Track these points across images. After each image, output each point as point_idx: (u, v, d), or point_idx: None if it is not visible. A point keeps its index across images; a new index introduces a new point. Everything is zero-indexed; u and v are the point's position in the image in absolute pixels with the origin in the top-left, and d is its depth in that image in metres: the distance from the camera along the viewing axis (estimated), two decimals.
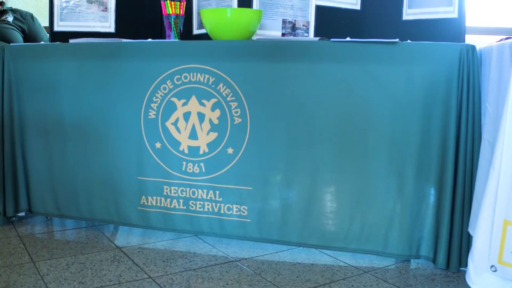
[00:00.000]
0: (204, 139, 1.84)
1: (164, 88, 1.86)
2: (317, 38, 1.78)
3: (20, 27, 2.63)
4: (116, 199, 1.96)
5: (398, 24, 2.09)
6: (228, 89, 1.80)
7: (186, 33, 2.25)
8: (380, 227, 1.72)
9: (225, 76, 1.80)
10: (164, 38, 2.19)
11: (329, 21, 2.19)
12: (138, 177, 1.92)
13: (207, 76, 1.82)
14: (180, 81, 1.84)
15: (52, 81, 1.99)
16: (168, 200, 1.90)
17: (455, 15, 1.92)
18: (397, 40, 1.67)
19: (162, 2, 2.11)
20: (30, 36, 2.67)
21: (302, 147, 1.77)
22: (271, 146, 1.79)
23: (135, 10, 2.38)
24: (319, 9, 2.18)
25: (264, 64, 1.77)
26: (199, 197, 1.87)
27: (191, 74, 1.83)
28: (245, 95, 1.79)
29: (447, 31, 1.94)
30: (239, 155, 1.81)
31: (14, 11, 2.68)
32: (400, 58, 1.67)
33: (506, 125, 1.37)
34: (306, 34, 2.17)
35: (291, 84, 1.75)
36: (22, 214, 2.13)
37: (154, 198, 1.91)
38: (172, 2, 2.10)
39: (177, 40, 2.02)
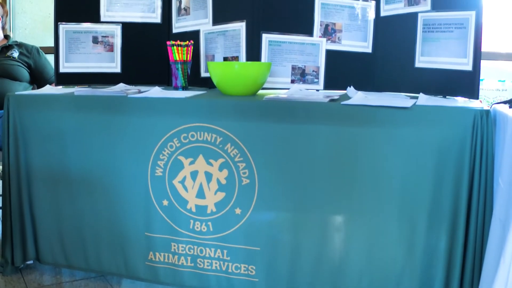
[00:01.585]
0: (212, 198, 1.82)
1: (171, 146, 1.83)
2: (327, 99, 1.74)
3: (26, 62, 2.60)
4: (124, 252, 1.95)
5: (411, 70, 2.03)
6: (236, 150, 1.77)
7: (193, 76, 2.21)
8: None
9: (232, 136, 1.77)
10: (171, 79, 2.16)
11: (339, 66, 2.14)
12: (146, 233, 1.91)
13: (214, 135, 1.79)
14: (187, 140, 1.81)
15: (58, 132, 1.96)
16: (176, 257, 1.89)
17: (469, 67, 1.86)
18: (409, 106, 1.63)
19: (169, 48, 2.07)
20: (36, 71, 2.63)
21: (311, 208, 1.74)
22: (279, 207, 1.77)
23: (142, 49, 2.34)
24: (330, 54, 2.13)
25: (273, 124, 1.74)
26: (207, 255, 1.86)
27: (198, 133, 1.80)
28: (253, 156, 1.76)
29: (460, 83, 1.88)
30: (247, 216, 1.79)
31: (19, 45, 2.64)
32: (412, 121, 1.63)
33: None
34: (316, 80, 2.13)
35: (300, 145, 1.72)
36: (30, 262, 2.13)
37: (162, 254, 1.90)
38: (179, 48, 2.06)
39: (183, 92, 1.98)
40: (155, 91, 1.99)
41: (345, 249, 1.73)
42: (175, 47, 2.05)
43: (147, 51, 2.33)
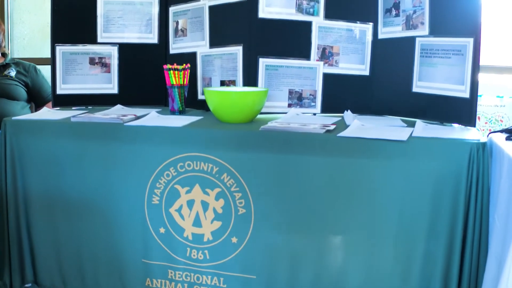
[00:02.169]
0: (208, 227, 1.83)
1: (168, 175, 1.83)
2: (323, 130, 1.73)
3: (23, 81, 2.59)
4: (122, 277, 1.96)
5: (408, 94, 2.02)
6: (232, 179, 1.77)
7: (190, 98, 2.20)
8: None
9: (229, 166, 1.77)
10: (168, 100, 2.15)
11: (337, 88, 2.13)
12: (143, 260, 1.92)
13: (210, 165, 1.79)
14: (184, 169, 1.81)
15: (55, 157, 1.96)
16: (173, 283, 1.90)
17: (466, 95, 1.85)
18: (405, 139, 1.63)
19: (165, 72, 2.07)
20: (33, 89, 2.63)
21: (307, 237, 1.75)
22: (275, 237, 1.77)
23: (139, 70, 2.33)
24: (327, 77, 2.12)
25: (269, 155, 1.74)
26: (204, 282, 1.87)
27: (195, 162, 1.80)
28: (249, 186, 1.76)
29: (457, 110, 1.87)
30: (243, 245, 1.80)
31: (16, 64, 2.64)
32: (408, 154, 1.63)
33: None
34: (313, 104, 2.12)
35: (296, 176, 1.73)
36: (28, 285, 2.14)
37: (159, 280, 1.91)
38: (176, 72, 2.05)
39: (179, 118, 1.98)
40: (152, 118, 1.99)
41: (342, 278, 1.74)
42: (171, 71, 2.04)
43: (145, 72, 2.33)
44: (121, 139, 1.88)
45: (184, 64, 2.07)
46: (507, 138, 1.65)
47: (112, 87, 2.30)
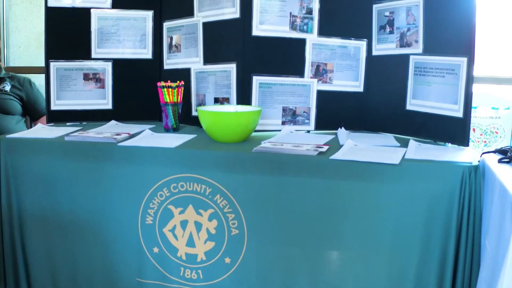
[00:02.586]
0: (202, 247, 1.83)
1: (161, 196, 1.84)
2: (316, 152, 1.73)
3: (18, 95, 2.59)
4: None
5: (402, 112, 2.03)
6: (225, 200, 1.78)
7: (184, 114, 2.20)
8: None
9: (221, 187, 1.77)
10: (161, 116, 2.15)
11: (331, 105, 2.13)
12: (137, 279, 1.92)
13: (203, 186, 1.79)
14: (177, 190, 1.82)
15: (49, 176, 1.97)
16: None
17: (460, 114, 1.85)
18: (397, 162, 1.63)
19: (159, 89, 2.07)
20: (28, 103, 2.63)
21: (300, 258, 1.75)
22: (268, 257, 1.78)
23: (133, 85, 2.33)
24: (321, 94, 2.12)
25: (261, 176, 1.74)
26: None
27: (188, 183, 1.80)
28: (242, 207, 1.77)
29: (451, 129, 1.88)
30: (236, 265, 1.80)
31: (11, 78, 2.64)
32: (401, 177, 1.64)
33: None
34: (307, 121, 2.12)
35: (289, 197, 1.73)
36: None
37: None
38: (170, 90, 2.05)
39: (173, 137, 1.98)
40: (145, 137, 1.99)
41: None
42: (165, 89, 2.04)
43: (139, 87, 2.33)
44: (114, 159, 1.88)
45: (178, 81, 2.07)
46: (500, 161, 1.65)
47: (106, 103, 2.30)
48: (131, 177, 1.87)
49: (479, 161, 1.68)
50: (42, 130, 2.12)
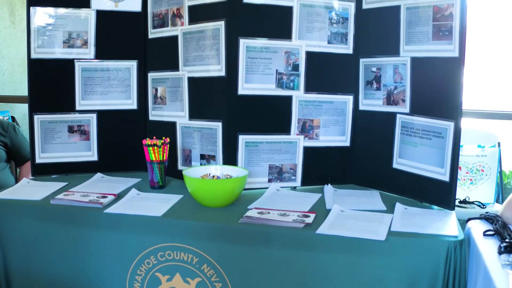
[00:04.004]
0: None
1: (148, 263, 1.83)
2: (302, 225, 1.73)
3: (2, 142, 2.56)
4: None
5: (388, 170, 2.03)
6: (212, 270, 1.78)
7: (170, 168, 2.19)
8: None
9: (208, 257, 1.77)
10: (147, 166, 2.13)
11: (317, 161, 2.13)
12: None
13: (190, 255, 1.79)
14: (164, 258, 1.82)
15: (35, 238, 1.95)
16: None
17: (446, 178, 1.85)
18: (383, 238, 1.64)
19: (145, 148, 2.05)
20: (13, 149, 2.60)
21: None
22: None
23: (118, 136, 2.31)
24: (307, 151, 2.11)
25: (248, 247, 1.74)
26: None
27: (175, 252, 1.80)
28: (229, 277, 1.77)
29: (437, 192, 1.88)
30: None
31: None
32: (386, 251, 1.64)
33: None
34: (293, 178, 2.11)
35: (275, 269, 1.73)
36: None
37: None
38: (155, 148, 2.04)
39: (159, 199, 1.97)
40: (131, 198, 1.98)
41: None
42: (151, 147, 2.03)
43: (124, 138, 2.31)
44: (101, 226, 1.87)
45: (164, 138, 2.05)
46: (485, 234, 1.67)
47: (91, 154, 2.28)
48: (118, 243, 1.86)
49: (464, 231, 1.70)
50: (28, 188, 2.10)
